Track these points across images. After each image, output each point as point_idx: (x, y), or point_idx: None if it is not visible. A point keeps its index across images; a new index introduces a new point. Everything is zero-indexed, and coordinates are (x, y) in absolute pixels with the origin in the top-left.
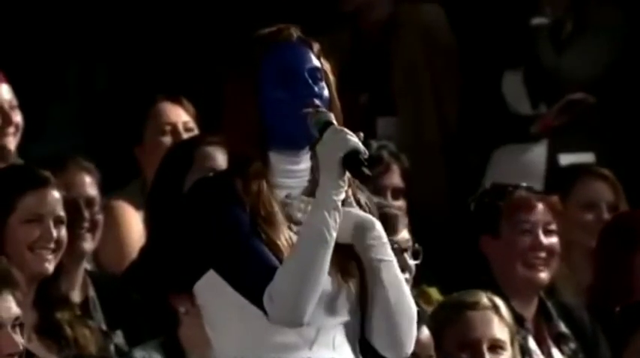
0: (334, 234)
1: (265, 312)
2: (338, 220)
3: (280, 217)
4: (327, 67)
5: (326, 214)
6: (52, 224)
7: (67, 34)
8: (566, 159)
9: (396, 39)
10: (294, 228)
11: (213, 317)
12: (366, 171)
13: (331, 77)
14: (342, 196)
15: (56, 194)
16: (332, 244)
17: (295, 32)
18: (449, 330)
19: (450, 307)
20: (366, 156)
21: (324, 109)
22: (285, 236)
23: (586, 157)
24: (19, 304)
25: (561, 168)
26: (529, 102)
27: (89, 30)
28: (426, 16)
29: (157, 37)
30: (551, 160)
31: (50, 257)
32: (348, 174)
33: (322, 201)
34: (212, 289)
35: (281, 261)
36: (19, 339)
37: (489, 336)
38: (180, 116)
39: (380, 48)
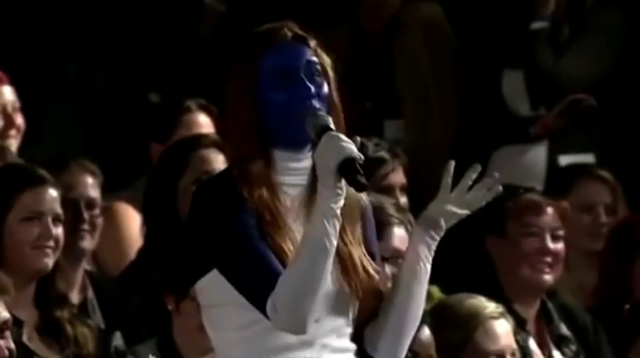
0: (334, 242)
1: (268, 318)
2: (338, 227)
3: (285, 220)
4: (326, 62)
5: (325, 223)
6: (50, 222)
7: (66, 33)
8: (566, 160)
9: (399, 39)
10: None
11: (214, 317)
12: (361, 179)
13: (330, 73)
14: (341, 203)
15: (54, 192)
16: (332, 251)
17: (290, 31)
18: (472, 340)
19: (470, 316)
20: (361, 163)
21: (321, 113)
22: (292, 239)
23: (586, 158)
24: (15, 305)
25: (560, 170)
26: (528, 103)
27: (88, 29)
28: (428, 15)
29: (157, 35)
30: (552, 161)
31: (50, 254)
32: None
33: (321, 210)
34: (214, 289)
35: (286, 266)
36: (8, 343)
37: (510, 345)
38: (210, 130)
39: (383, 49)
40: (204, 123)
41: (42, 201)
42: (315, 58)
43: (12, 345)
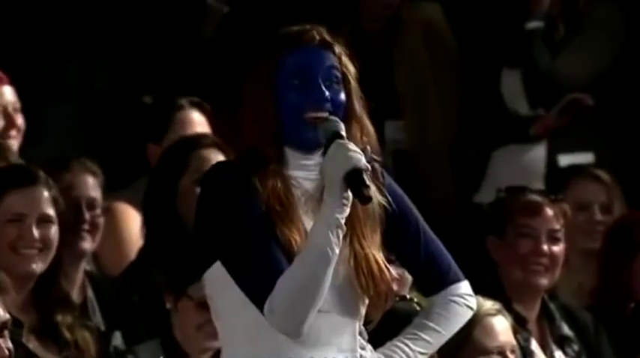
0: (337, 251)
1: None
2: (341, 237)
3: (296, 211)
4: (349, 70)
5: (329, 233)
6: (34, 223)
7: (66, 34)
8: (565, 159)
9: (399, 39)
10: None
11: (220, 309)
12: (366, 192)
13: (353, 82)
14: (346, 213)
15: (45, 192)
16: (334, 261)
17: (318, 35)
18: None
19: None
20: (368, 173)
21: (333, 118)
22: (301, 232)
23: (586, 157)
24: (8, 307)
25: (559, 169)
26: (527, 103)
27: (88, 30)
28: (428, 15)
29: (157, 36)
30: (551, 161)
31: (36, 257)
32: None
33: (325, 218)
34: (220, 280)
35: (291, 259)
36: (7, 343)
37: (510, 342)
38: (204, 128)
39: (383, 49)
40: (197, 121)
41: (24, 202)
42: (337, 65)
43: (10, 345)
